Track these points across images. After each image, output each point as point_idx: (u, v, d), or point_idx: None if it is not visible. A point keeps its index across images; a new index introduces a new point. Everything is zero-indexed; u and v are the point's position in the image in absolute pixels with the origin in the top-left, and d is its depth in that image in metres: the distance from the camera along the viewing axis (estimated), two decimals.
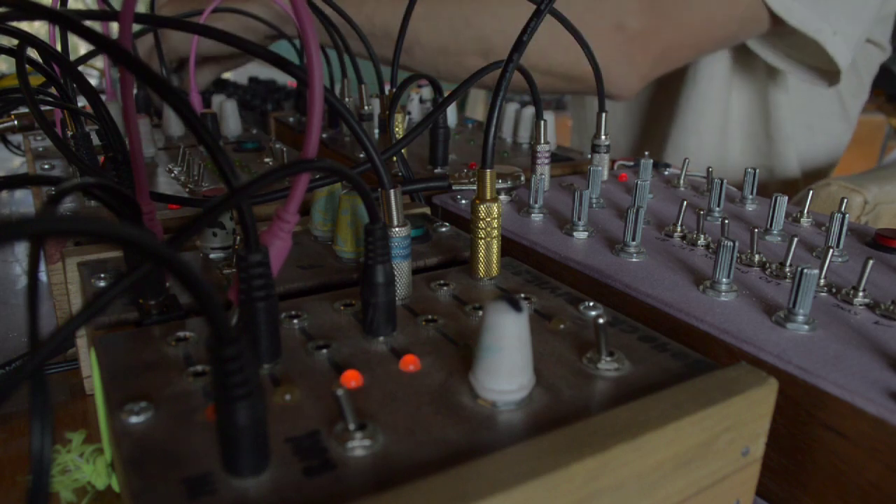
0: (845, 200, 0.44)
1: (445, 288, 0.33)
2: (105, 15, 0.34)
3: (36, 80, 0.45)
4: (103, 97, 0.47)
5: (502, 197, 0.49)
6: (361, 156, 0.61)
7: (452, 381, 0.25)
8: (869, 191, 0.62)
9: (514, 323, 0.22)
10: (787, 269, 0.36)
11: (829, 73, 0.80)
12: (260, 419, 0.20)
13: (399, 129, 0.55)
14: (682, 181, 0.54)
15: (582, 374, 0.26)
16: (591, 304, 0.31)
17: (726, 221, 0.39)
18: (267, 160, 0.60)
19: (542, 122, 0.51)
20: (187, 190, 0.51)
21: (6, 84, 0.84)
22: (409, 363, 0.26)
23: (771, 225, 0.42)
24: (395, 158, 0.50)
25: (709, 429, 0.23)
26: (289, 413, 0.23)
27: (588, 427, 0.22)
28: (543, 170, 0.51)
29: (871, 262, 0.33)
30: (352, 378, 0.25)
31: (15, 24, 0.32)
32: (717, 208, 0.46)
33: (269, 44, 0.86)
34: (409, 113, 0.78)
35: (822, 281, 0.34)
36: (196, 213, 0.31)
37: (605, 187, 0.53)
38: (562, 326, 0.30)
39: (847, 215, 0.39)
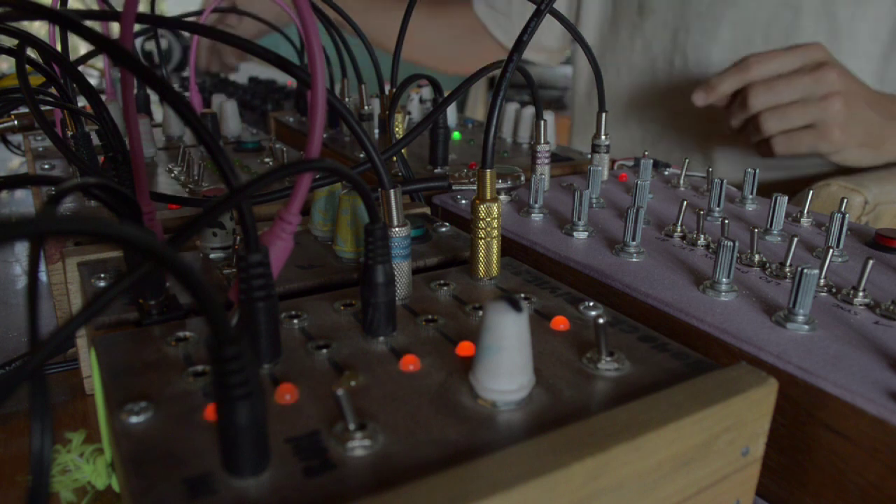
0: (845, 200, 0.44)
1: (445, 288, 0.33)
2: (105, 15, 0.34)
3: (36, 80, 0.45)
4: (103, 97, 0.47)
5: (502, 197, 0.49)
6: (361, 156, 0.61)
7: (452, 381, 0.25)
8: (869, 191, 0.62)
9: (514, 323, 0.22)
10: (787, 269, 0.36)
11: None
12: (260, 419, 0.20)
13: (399, 129, 0.55)
14: (682, 181, 0.54)
15: (582, 374, 0.26)
16: (591, 304, 0.31)
17: (726, 221, 0.39)
18: (267, 160, 0.60)
19: (542, 122, 0.51)
20: (187, 190, 0.51)
21: (6, 84, 0.84)
22: (409, 363, 0.26)
23: (771, 225, 0.42)
24: (395, 158, 0.50)
25: (709, 429, 0.23)
26: (289, 413, 0.23)
27: (588, 427, 0.22)
28: (543, 170, 0.51)
29: (871, 262, 0.33)
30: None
31: (15, 24, 0.32)
32: (717, 208, 0.46)
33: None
34: (409, 113, 0.78)
35: (822, 281, 0.34)
36: (196, 213, 0.31)
37: (605, 187, 0.53)
38: (562, 327, 0.30)
39: (847, 215, 0.39)
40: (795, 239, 0.36)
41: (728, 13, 0.87)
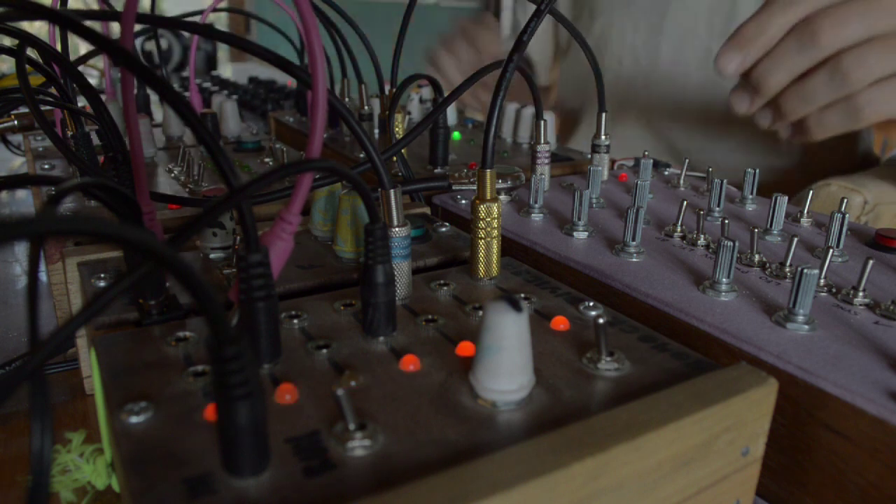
0: (845, 200, 0.44)
1: (445, 288, 0.33)
2: (105, 15, 0.34)
3: (36, 80, 0.45)
4: (103, 97, 0.47)
5: (502, 197, 0.49)
6: (361, 156, 0.61)
7: (452, 381, 0.25)
8: (869, 191, 0.62)
9: (514, 323, 0.22)
10: (787, 269, 0.36)
11: None
12: (260, 419, 0.20)
13: (399, 129, 0.55)
14: (682, 181, 0.54)
15: (582, 374, 0.26)
16: (591, 304, 0.31)
17: (726, 221, 0.39)
18: (267, 160, 0.60)
19: (542, 122, 0.51)
20: (187, 190, 0.51)
21: (6, 84, 0.84)
22: (409, 363, 0.26)
23: (771, 225, 0.42)
24: (395, 158, 0.50)
25: (709, 429, 0.23)
26: (289, 413, 0.23)
27: (588, 427, 0.22)
28: (543, 170, 0.51)
29: (871, 262, 0.33)
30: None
31: (15, 24, 0.32)
32: (717, 208, 0.46)
33: None
34: (409, 113, 0.78)
35: (822, 281, 0.34)
36: (196, 213, 0.31)
37: (605, 187, 0.53)
38: (562, 327, 0.30)
39: (847, 215, 0.39)
40: (795, 239, 0.36)
41: (671, 8, 0.90)
